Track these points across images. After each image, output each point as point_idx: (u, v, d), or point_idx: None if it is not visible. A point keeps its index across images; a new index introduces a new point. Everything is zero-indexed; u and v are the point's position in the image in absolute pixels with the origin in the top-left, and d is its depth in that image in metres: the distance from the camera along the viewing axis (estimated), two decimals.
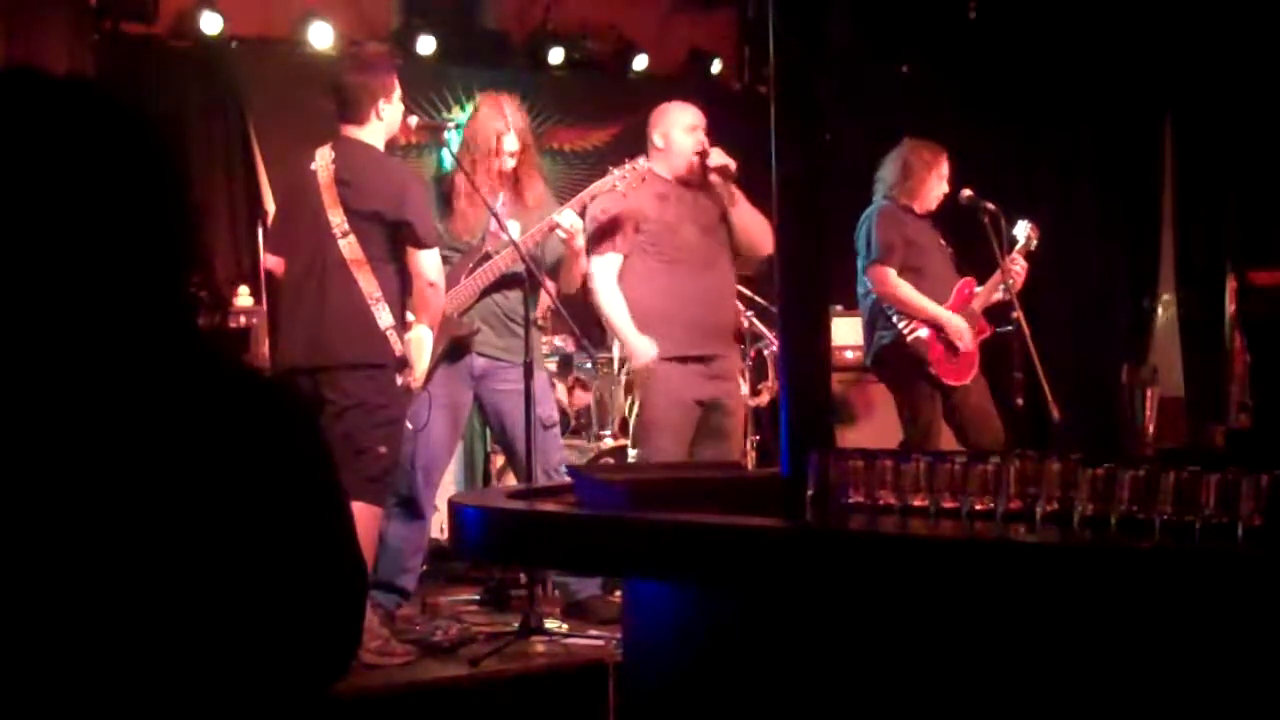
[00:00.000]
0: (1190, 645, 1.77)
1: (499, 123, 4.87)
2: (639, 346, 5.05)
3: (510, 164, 4.90)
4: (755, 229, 5.08)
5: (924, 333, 5.54)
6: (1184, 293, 7.30)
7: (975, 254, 5.71)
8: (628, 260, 5.07)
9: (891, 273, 5.54)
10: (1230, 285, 6.35)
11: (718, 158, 5.06)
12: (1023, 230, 5.80)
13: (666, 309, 5.00)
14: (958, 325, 5.54)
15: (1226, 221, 6.83)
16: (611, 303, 5.06)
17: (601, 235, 5.09)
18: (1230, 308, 6.31)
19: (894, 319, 5.58)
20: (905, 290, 5.53)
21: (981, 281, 5.72)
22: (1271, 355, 5.52)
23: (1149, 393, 6.18)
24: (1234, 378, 6.24)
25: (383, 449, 4.33)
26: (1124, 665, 1.83)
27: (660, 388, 5.00)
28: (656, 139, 5.16)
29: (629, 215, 5.06)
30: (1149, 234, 7.43)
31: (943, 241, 5.76)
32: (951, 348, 5.54)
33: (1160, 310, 7.46)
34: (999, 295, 5.67)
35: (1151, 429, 6.09)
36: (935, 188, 5.67)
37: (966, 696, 2.00)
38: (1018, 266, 5.65)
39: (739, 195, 5.11)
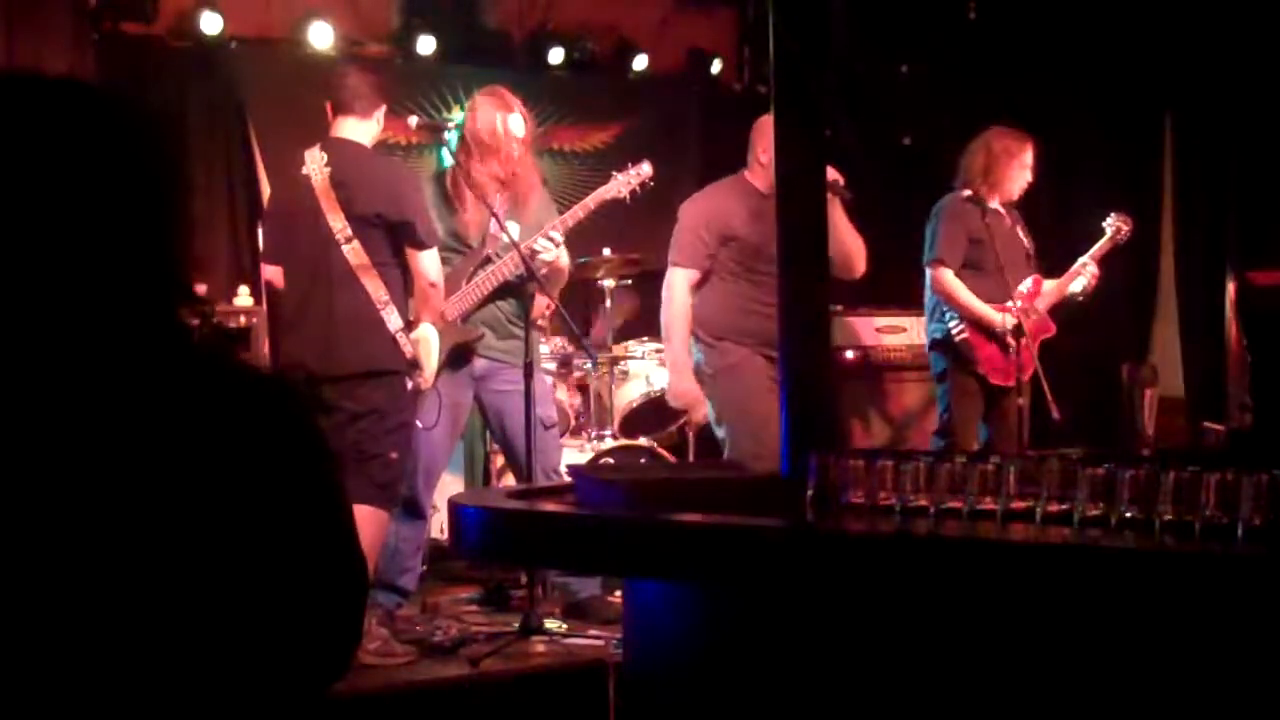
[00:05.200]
0: (1190, 645, 1.77)
1: (501, 110, 4.85)
2: (681, 387, 5.05)
3: (517, 150, 4.86)
4: (850, 248, 5.03)
5: (968, 334, 5.51)
6: (1184, 293, 7.30)
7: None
8: (709, 273, 5.04)
9: (947, 273, 5.49)
10: (1230, 285, 6.35)
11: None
12: (1110, 223, 5.75)
13: (744, 325, 4.95)
14: (1004, 326, 5.44)
15: (1226, 221, 6.82)
16: (676, 325, 5.04)
17: (687, 245, 5.04)
18: (1230, 308, 6.30)
19: (946, 316, 5.55)
20: (959, 292, 5.48)
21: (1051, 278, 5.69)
22: (1271, 355, 5.52)
23: (1149, 393, 6.18)
24: (1234, 378, 6.23)
25: (394, 454, 4.34)
26: (1124, 665, 1.83)
27: (749, 382, 4.94)
28: (760, 154, 4.98)
29: (719, 229, 5.00)
30: (1149, 233, 7.42)
31: (1020, 232, 5.69)
32: (1004, 346, 5.47)
33: (1159, 310, 7.46)
34: (1072, 291, 5.63)
35: (1151, 429, 6.09)
36: (1018, 178, 5.59)
37: (967, 696, 2.00)
38: (1091, 269, 5.63)
39: (840, 213, 4.96)
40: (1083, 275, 5.63)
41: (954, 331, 5.52)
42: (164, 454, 1.37)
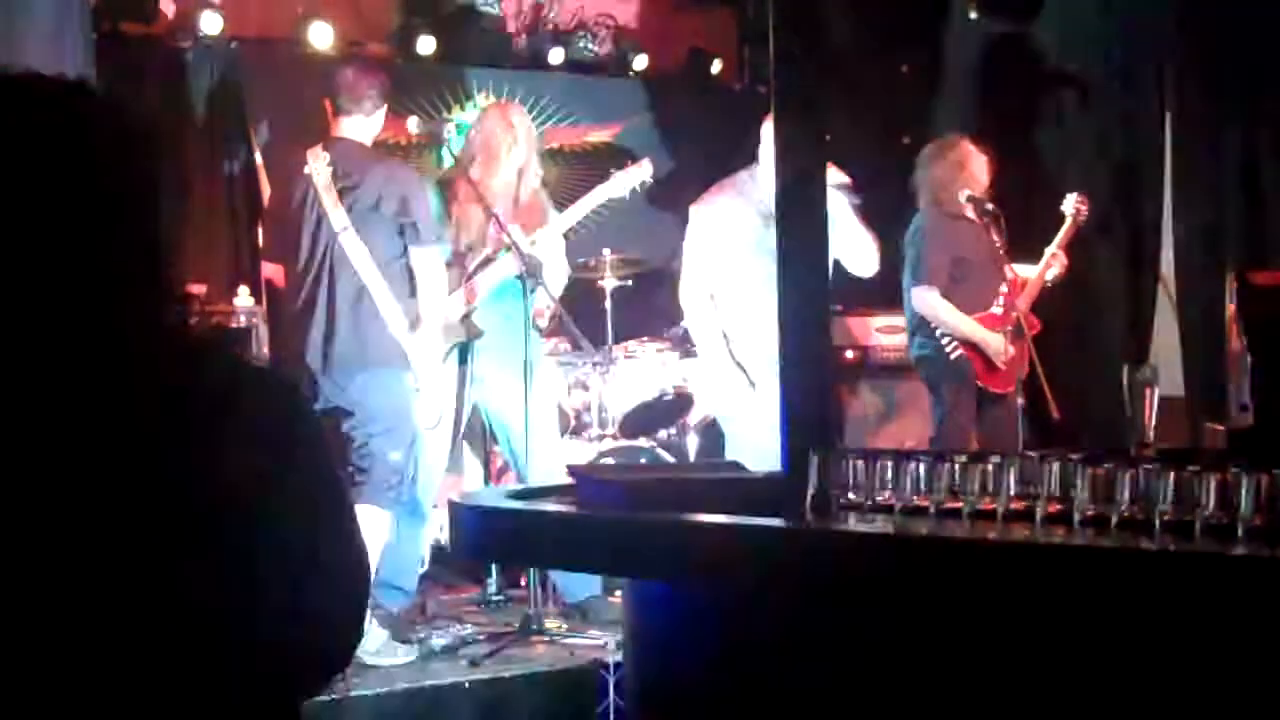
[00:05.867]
0: (1190, 645, 1.77)
1: (506, 135, 4.87)
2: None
3: (512, 176, 4.89)
4: (862, 248, 5.06)
5: (963, 350, 5.52)
6: (1184, 293, 7.29)
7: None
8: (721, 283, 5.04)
9: (933, 294, 5.51)
10: (1230, 285, 6.33)
11: (833, 176, 4.92)
12: (1069, 206, 5.77)
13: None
14: (996, 346, 5.48)
15: (1226, 221, 6.82)
16: (704, 331, 5.07)
17: (691, 259, 5.10)
18: (1230, 308, 6.29)
19: (935, 333, 5.56)
20: (947, 313, 5.50)
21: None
22: (1271, 355, 5.51)
23: (1149, 393, 6.17)
24: (1234, 378, 6.22)
25: (393, 454, 4.34)
26: (1124, 666, 1.83)
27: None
28: (763, 154, 4.93)
29: (727, 244, 4.99)
30: (1149, 233, 7.41)
31: (994, 234, 5.70)
32: (991, 360, 5.52)
33: (1159, 310, 7.45)
34: (1049, 278, 5.67)
35: (1151, 429, 6.08)
36: (982, 175, 5.63)
37: (967, 697, 2.00)
38: (1060, 258, 5.66)
39: (850, 212, 4.98)
40: (1054, 265, 5.67)
41: (948, 349, 5.53)
42: (162, 453, 1.37)
